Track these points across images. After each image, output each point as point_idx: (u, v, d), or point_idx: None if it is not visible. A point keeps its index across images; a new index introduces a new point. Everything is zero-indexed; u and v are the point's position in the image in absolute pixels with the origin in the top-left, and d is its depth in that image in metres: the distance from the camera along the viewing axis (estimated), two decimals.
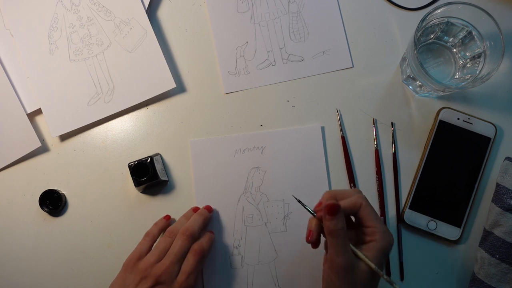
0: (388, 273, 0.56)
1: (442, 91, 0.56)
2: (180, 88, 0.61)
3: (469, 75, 0.55)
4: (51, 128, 0.59)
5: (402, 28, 0.60)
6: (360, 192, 0.47)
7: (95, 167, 0.59)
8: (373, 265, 0.42)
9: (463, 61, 0.57)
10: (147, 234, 0.54)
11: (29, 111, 0.59)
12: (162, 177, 0.56)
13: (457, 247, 0.56)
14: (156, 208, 0.58)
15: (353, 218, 0.47)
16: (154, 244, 0.53)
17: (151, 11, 0.62)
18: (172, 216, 0.57)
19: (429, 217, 0.56)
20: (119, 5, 0.60)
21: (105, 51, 0.60)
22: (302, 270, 0.56)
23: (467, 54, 0.56)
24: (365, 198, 0.46)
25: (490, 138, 0.57)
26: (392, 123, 0.59)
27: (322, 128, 0.59)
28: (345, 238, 0.42)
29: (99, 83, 0.59)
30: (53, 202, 0.57)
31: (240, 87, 0.60)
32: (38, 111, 0.60)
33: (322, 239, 0.46)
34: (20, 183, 0.59)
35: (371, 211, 0.45)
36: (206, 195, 0.58)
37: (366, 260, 0.42)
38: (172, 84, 0.59)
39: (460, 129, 0.57)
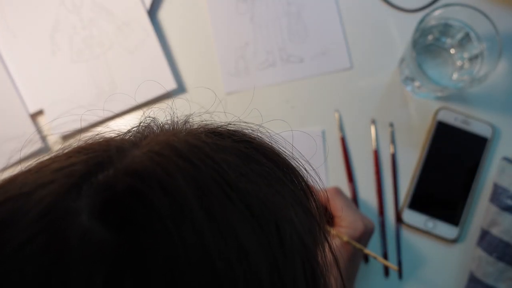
0: (387, 272, 0.57)
1: (440, 92, 0.57)
2: (180, 89, 0.61)
3: (466, 76, 0.56)
4: (53, 128, 0.59)
5: (401, 30, 0.61)
6: (334, 188, 0.52)
7: None
8: (357, 245, 0.48)
9: (460, 62, 0.57)
10: None
11: (31, 111, 0.60)
12: None
13: (455, 246, 0.57)
14: None
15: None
16: None
17: (152, 12, 0.62)
18: None
19: (427, 216, 0.57)
20: (120, 6, 0.61)
21: (107, 52, 0.60)
22: None
23: (465, 55, 0.57)
24: (334, 192, 0.51)
25: (487, 138, 0.57)
26: (390, 123, 0.59)
27: (323, 132, 0.59)
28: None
29: (101, 83, 0.60)
30: None
31: (240, 87, 0.61)
32: (40, 112, 0.60)
33: None
34: None
35: (340, 202, 0.50)
36: None
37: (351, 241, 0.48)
38: (172, 85, 0.59)
39: (458, 130, 0.57)
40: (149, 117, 0.30)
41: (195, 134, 0.26)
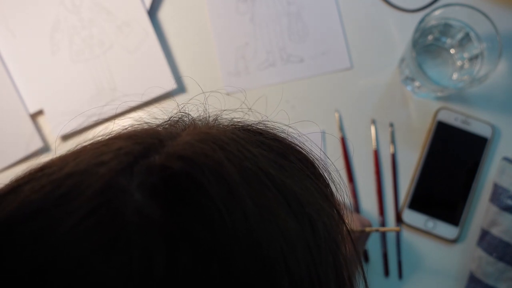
0: (387, 272, 0.57)
1: (440, 92, 0.57)
2: (180, 89, 0.61)
3: (466, 76, 0.56)
4: (53, 128, 0.59)
5: (401, 30, 0.61)
6: None
7: None
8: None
9: (461, 62, 0.57)
10: None
11: (31, 111, 0.60)
12: None
13: (455, 246, 0.57)
14: None
15: None
16: None
17: (152, 12, 0.62)
18: None
19: (427, 216, 0.57)
20: (120, 6, 0.61)
21: (107, 52, 0.60)
22: None
23: (465, 55, 0.57)
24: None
25: (487, 138, 0.57)
26: (391, 123, 0.59)
27: (323, 133, 0.59)
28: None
29: (101, 83, 0.60)
30: None
31: (240, 87, 0.61)
32: (40, 112, 0.60)
33: None
34: None
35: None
36: None
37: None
38: (172, 85, 0.59)
39: (458, 130, 0.57)
40: (182, 112, 0.31)
41: (231, 130, 0.28)
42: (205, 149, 0.23)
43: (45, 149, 0.60)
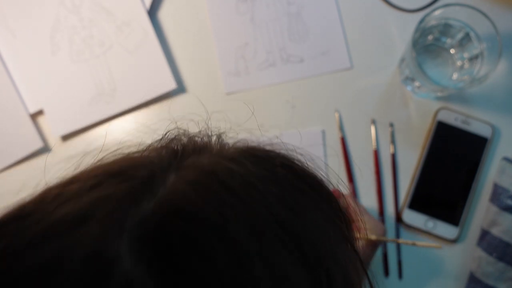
0: (387, 272, 0.57)
1: (440, 92, 0.57)
2: (180, 89, 0.61)
3: (466, 76, 0.56)
4: (53, 128, 0.59)
5: (401, 30, 0.61)
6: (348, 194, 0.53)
7: None
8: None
9: (461, 62, 0.57)
10: None
11: (31, 111, 0.60)
12: None
13: (455, 246, 0.57)
14: None
15: None
16: None
17: (152, 12, 0.62)
18: None
19: (427, 216, 0.57)
20: (120, 6, 0.61)
21: (107, 52, 0.60)
22: None
23: (465, 55, 0.56)
24: (350, 197, 0.52)
25: (487, 138, 0.57)
26: (390, 123, 0.59)
27: (323, 132, 0.59)
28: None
29: (101, 83, 0.60)
30: None
31: (240, 87, 0.61)
32: (40, 112, 0.60)
33: None
34: (21, 183, 0.60)
35: (357, 208, 0.50)
36: None
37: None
38: (172, 85, 0.59)
39: (458, 130, 0.57)
40: (179, 128, 0.28)
41: (237, 160, 0.24)
42: (208, 198, 0.20)
43: (45, 149, 0.60)
